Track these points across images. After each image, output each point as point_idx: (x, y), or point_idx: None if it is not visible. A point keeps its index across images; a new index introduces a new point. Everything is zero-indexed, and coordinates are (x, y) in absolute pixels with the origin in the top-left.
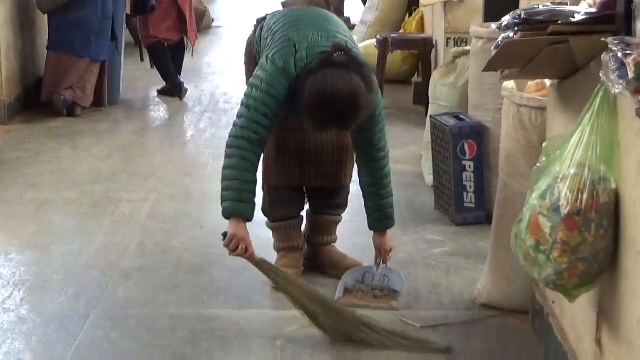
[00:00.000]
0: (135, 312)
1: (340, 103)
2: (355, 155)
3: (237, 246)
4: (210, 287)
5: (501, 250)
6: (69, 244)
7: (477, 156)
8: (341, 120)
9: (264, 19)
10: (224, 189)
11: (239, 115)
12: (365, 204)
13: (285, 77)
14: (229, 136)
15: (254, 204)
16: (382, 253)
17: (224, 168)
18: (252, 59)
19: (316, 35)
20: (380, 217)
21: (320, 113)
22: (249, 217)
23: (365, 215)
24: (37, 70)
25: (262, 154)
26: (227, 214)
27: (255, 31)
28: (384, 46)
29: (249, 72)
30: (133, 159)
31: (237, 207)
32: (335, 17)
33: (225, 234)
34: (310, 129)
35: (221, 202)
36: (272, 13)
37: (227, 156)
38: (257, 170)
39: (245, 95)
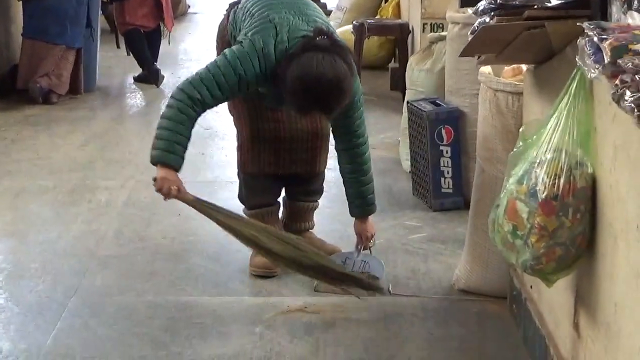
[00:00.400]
0: (114, 300)
1: (324, 87)
2: (330, 142)
3: (170, 189)
4: (188, 275)
5: (479, 236)
6: (47, 232)
7: (454, 141)
8: (325, 105)
9: (238, 2)
10: (156, 136)
11: (196, 72)
12: (346, 191)
13: (260, 59)
14: (177, 87)
15: (182, 157)
16: (363, 239)
17: (161, 116)
18: (224, 44)
19: (296, 19)
20: (361, 203)
21: (304, 97)
22: (176, 168)
23: (344, 202)
24: (12, 58)
25: (237, 141)
26: (154, 162)
27: (228, 15)
28: (360, 32)
29: None
30: (109, 147)
31: (165, 156)
32: (312, 2)
33: (155, 179)
34: (285, 117)
35: (151, 148)
36: None
37: (167, 105)
38: (192, 126)
39: (215, 60)
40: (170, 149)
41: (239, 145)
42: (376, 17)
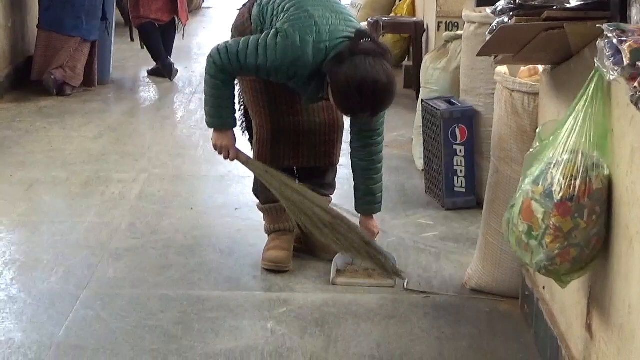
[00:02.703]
0: (126, 293)
1: (380, 91)
2: (350, 138)
3: (225, 152)
4: (200, 269)
5: (492, 235)
6: (59, 223)
7: (468, 140)
8: (378, 107)
9: None
10: (204, 102)
11: (228, 42)
12: (356, 188)
13: (288, 54)
14: (212, 52)
15: (230, 117)
16: (370, 235)
17: (204, 82)
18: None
19: (334, 18)
20: (371, 201)
21: (359, 100)
22: (228, 127)
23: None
24: (28, 49)
25: (255, 134)
26: (209, 126)
27: (249, 9)
28: (375, 29)
29: None
30: (123, 140)
31: (215, 121)
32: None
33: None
34: (303, 110)
35: (204, 112)
36: None
37: (205, 71)
38: (230, 85)
39: (249, 37)
40: (217, 114)
41: (258, 139)
42: (391, 15)
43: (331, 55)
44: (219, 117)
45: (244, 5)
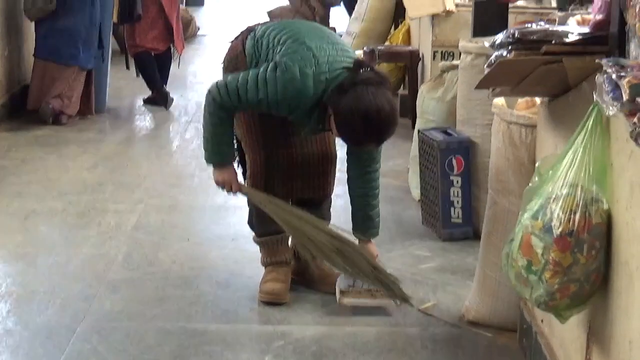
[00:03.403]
0: (123, 326)
1: (383, 120)
2: (347, 166)
3: (228, 186)
4: (197, 301)
5: (489, 267)
6: (56, 254)
7: (465, 171)
8: (382, 136)
9: (253, 29)
10: (204, 139)
11: (228, 78)
12: (354, 214)
13: (288, 88)
14: (210, 86)
15: (229, 151)
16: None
17: (203, 119)
18: (236, 71)
19: (331, 49)
20: (370, 226)
21: (364, 130)
22: (228, 162)
23: (351, 229)
24: (23, 78)
25: (249, 168)
26: (208, 163)
27: (242, 41)
28: (370, 58)
29: None
30: (119, 169)
31: (216, 157)
32: (331, 31)
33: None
34: (297, 142)
35: (203, 149)
36: (266, 24)
37: (204, 108)
38: (229, 121)
39: (249, 72)
40: (217, 150)
41: (251, 173)
42: (386, 44)
43: (332, 87)
44: (219, 153)
45: (236, 38)
